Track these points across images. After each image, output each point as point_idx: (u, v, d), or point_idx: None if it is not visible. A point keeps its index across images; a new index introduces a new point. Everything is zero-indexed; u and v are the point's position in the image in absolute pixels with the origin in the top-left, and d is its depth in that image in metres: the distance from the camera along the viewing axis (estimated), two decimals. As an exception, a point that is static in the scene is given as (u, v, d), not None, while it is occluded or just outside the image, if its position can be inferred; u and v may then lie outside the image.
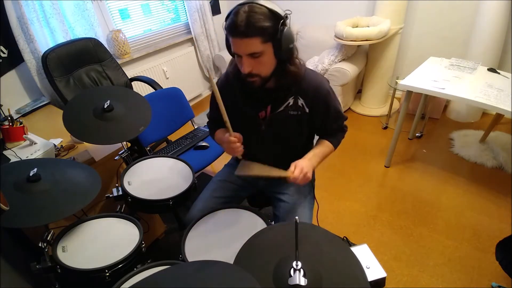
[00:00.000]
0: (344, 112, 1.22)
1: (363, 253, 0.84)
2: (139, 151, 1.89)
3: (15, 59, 1.94)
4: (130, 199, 1.20)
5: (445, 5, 2.63)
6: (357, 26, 2.79)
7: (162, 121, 1.93)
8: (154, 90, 2.23)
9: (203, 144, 1.93)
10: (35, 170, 0.96)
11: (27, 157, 1.31)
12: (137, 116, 1.32)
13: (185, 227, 1.08)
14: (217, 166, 2.27)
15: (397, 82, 2.59)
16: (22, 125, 1.44)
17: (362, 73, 3.09)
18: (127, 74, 2.34)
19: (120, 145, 1.43)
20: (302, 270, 0.65)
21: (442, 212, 1.93)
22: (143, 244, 1.05)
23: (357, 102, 3.24)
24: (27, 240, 1.25)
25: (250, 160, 1.30)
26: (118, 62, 2.30)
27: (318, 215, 1.32)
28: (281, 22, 0.90)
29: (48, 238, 1.00)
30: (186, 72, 3.30)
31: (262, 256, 0.76)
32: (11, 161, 1.29)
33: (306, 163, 1.06)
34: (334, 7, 3.13)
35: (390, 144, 2.26)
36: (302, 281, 0.64)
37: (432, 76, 2.02)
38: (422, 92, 1.94)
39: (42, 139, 1.43)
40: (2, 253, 1.15)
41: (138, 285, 0.66)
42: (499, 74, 2.01)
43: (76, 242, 1.04)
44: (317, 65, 2.79)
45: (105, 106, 1.23)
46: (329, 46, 2.90)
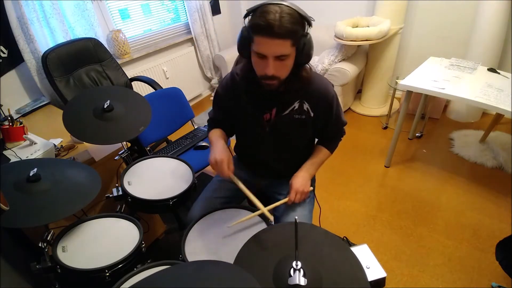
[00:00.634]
0: (344, 112, 1.23)
1: (363, 253, 0.84)
2: (139, 151, 1.89)
3: (15, 59, 1.94)
4: (130, 199, 1.20)
5: (445, 5, 2.63)
6: (357, 26, 2.79)
7: (162, 121, 1.93)
8: (154, 90, 2.23)
9: (203, 144, 1.93)
10: (35, 170, 0.96)
11: (27, 157, 1.31)
12: (137, 116, 1.32)
13: (185, 227, 1.08)
14: (217, 166, 2.27)
15: (397, 82, 2.59)
16: (22, 125, 1.44)
17: (362, 73, 3.09)
18: (127, 74, 2.34)
19: (120, 145, 1.43)
20: (302, 270, 0.65)
21: (442, 212, 1.93)
22: (143, 244, 1.05)
23: (357, 102, 3.24)
24: (27, 240, 1.25)
25: (250, 161, 1.30)
26: (118, 62, 2.30)
27: (319, 218, 1.32)
28: (307, 27, 0.90)
29: (48, 238, 1.00)
30: (186, 72, 3.30)
31: (262, 256, 0.76)
32: (11, 161, 1.29)
33: (302, 177, 1.12)
34: (334, 7, 3.13)
35: (390, 144, 2.26)
36: (302, 281, 0.64)
37: (432, 76, 2.02)
38: (422, 92, 1.94)
39: (42, 139, 1.43)
40: (2, 253, 1.15)
41: (138, 285, 0.65)
42: (499, 74, 2.01)
43: (76, 242, 1.04)
44: (317, 65, 2.79)
45: (105, 106, 1.23)
46: (329, 46, 2.90)
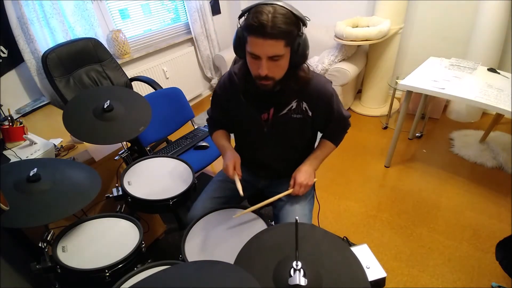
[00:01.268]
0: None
1: (363, 253, 0.84)
2: (139, 151, 1.89)
3: (15, 59, 1.94)
4: (130, 199, 1.20)
5: (445, 5, 2.63)
6: (357, 26, 2.79)
7: (162, 121, 1.93)
8: (154, 90, 2.23)
9: (203, 144, 1.93)
10: (35, 170, 0.96)
11: (27, 157, 1.31)
12: (137, 116, 1.32)
13: (185, 227, 1.08)
14: (217, 166, 2.27)
15: (397, 82, 2.59)
16: (22, 125, 1.44)
17: (362, 73, 3.09)
18: (127, 74, 2.34)
19: (120, 145, 1.43)
20: (302, 270, 0.65)
21: (442, 212, 1.93)
22: (143, 244, 1.05)
23: (357, 102, 3.24)
24: (27, 240, 1.25)
25: (250, 161, 1.30)
26: (118, 62, 2.29)
27: (318, 216, 1.32)
28: (302, 27, 0.89)
29: (48, 238, 1.00)
30: (186, 72, 3.30)
31: (262, 256, 0.76)
32: (11, 161, 1.29)
33: (305, 172, 1.11)
34: (334, 7, 3.13)
35: (390, 144, 2.26)
36: (302, 281, 0.64)
37: (432, 76, 2.02)
38: (422, 92, 1.94)
39: (42, 139, 1.43)
40: (2, 253, 1.15)
41: (138, 285, 0.65)
42: (499, 74, 2.01)
43: (76, 242, 1.04)
44: (317, 65, 2.79)
45: (105, 106, 1.23)
46: (329, 46, 2.90)
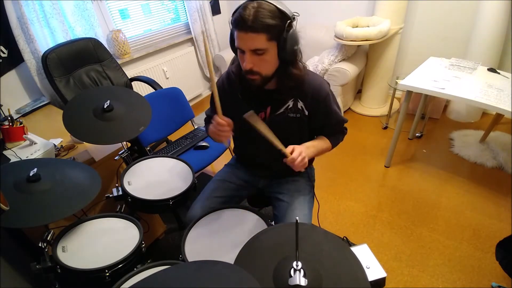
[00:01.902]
0: (344, 112, 1.23)
1: (363, 253, 0.84)
2: (139, 151, 1.89)
3: (15, 59, 1.94)
4: (130, 199, 1.20)
5: (445, 5, 2.63)
6: (357, 26, 2.79)
7: (162, 121, 1.93)
8: (154, 90, 2.23)
9: (203, 144, 1.93)
10: (35, 170, 0.96)
11: (27, 157, 1.31)
12: (137, 116, 1.32)
13: (185, 227, 1.08)
14: (217, 166, 2.27)
15: (397, 82, 2.59)
16: (22, 125, 1.44)
17: (362, 73, 3.09)
18: (127, 74, 2.34)
19: (120, 145, 1.43)
20: (302, 270, 0.65)
21: (442, 212, 1.93)
22: (143, 244, 1.05)
23: (357, 102, 3.24)
24: (27, 240, 1.25)
25: (249, 161, 1.30)
26: (118, 62, 2.30)
27: (318, 215, 1.32)
28: (288, 22, 0.89)
29: (48, 238, 1.00)
30: (186, 72, 3.30)
31: (262, 256, 0.76)
32: (11, 161, 1.29)
33: (304, 149, 1.02)
34: (334, 7, 3.13)
35: (390, 144, 2.26)
36: (303, 281, 0.64)
37: (432, 76, 2.02)
38: (422, 92, 1.94)
39: (42, 139, 1.43)
40: (2, 253, 1.15)
41: (138, 285, 0.65)
42: (499, 74, 2.01)
43: (76, 242, 1.04)
44: (317, 65, 2.79)
45: (105, 106, 1.23)
46: (329, 46, 2.90)
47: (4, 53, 1.88)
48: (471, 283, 1.51)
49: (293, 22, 0.91)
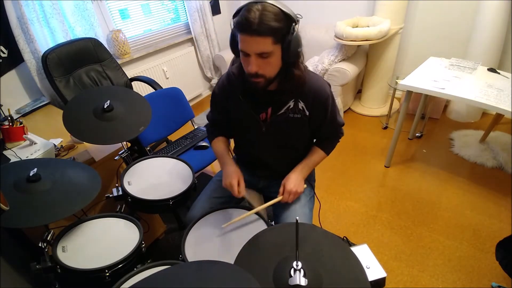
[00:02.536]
0: (344, 112, 1.23)
1: (363, 253, 0.84)
2: (139, 151, 1.89)
3: (15, 59, 1.94)
4: (130, 199, 1.20)
5: (445, 5, 2.63)
6: (357, 26, 2.79)
7: (162, 121, 1.93)
8: (154, 90, 2.23)
9: (203, 144, 1.93)
10: (35, 170, 0.96)
11: (27, 157, 1.31)
12: (137, 116, 1.32)
13: (185, 227, 1.08)
14: (217, 166, 2.27)
15: (397, 82, 2.59)
16: (22, 125, 1.44)
17: (362, 73, 3.09)
18: (127, 74, 2.34)
19: (120, 145, 1.43)
20: (302, 270, 0.65)
21: (442, 212, 1.93)
22: (143, 244, 1.05)
23: (357, 102, 3.24)
24: (27, 240, 1.25)
25: (249, 161, 1.30)
26: (118, 62, 2.30)
27: (319, 214, 1.32)
28: (293, 25, 0.89)
29: (48, 238, 1.00)
30: (186, 72, 3.30)
31: (262, 256, 0.76)
32: (11, 161, 1.29)
33: (295, 179, 1.13)
34: (334, 7, 3.13)
35: (390, 144, 2.26)
36: (303, 281, 0.64)
37: (432, 76, 2.02)
38: (422, 92, 1.94)
39: (42, 139, 1.43)
40: (2, 253, 1.15)
41: (138, 285, 0.66)
42: (499, 74, 2.01)
43: (76, 242, 1.04)
44: (317, 65, 2.79)
45: (105, 106, 1.23)
46: (329, 46, 2.90)
47: (4, 53, 1.88)
48: (471, 283, 1.51)
49: (297, 25, 0.91)
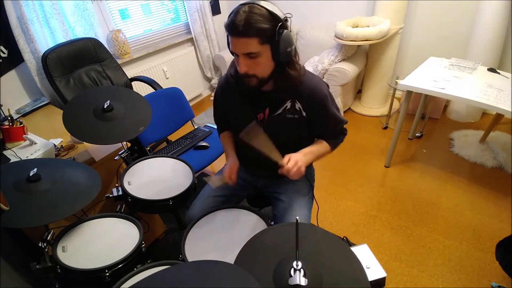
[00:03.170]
0: (344, 112, 1.23)
1: (363, 253, 0.84)
2: (139, 151, 1.89)
3: (15, 59, 1.94)
4: (130, 199, 1.20)
5: (445, 5, 2.63)
6: (357, 26, 2.79)
7: (162, 121, 1.93)
8: (154, 90, 2.23)
9: (203, 144, 1.93)
10: (35, 170, 0.96)
11: (27, 157, 1.31)
12: (137, 116, 1.32)
13: (185, 227, 1.08)
14: (217, 166, 2.27)
15: (397, 82, 2.59)
16: (22, 125, 1.44)
17: (362, 73, 3.09)
18: (127, 74, 2.34)
19: (120, 145, 1.43)
20: (302, 270, 0.65)
21: (442, 212, 1.93)
22: (143, 244, 1.05)
23: (357, 102, 3.24)
24: (27, 240, 1.25)
25: (249, 160, 1.30)
26: (118, 62, 2.30)
27: (318, 215, 1.32)
28: (279, 25, 0.89)
29: (48, 238, 1.00)
30: (186, 72, 3.30)
31: (262, 256, 0.76)
32: (11, 161, 1.29)
33: (300, 157, 1.04)
34: (334, 7, 3.13)
35: (390, 144, 2.26)
36: (303, 281, 0.64)
37: (432, 76, 2.02)
38: (422, 92, 1.94)
39: (42, 139, 1.43)
40: (2, 253, 1.15)
41: (138, 285, 0.66)
42: (499, 74, 2.01)
43: (76, 242, 1.04)
44: (317, 65, 2.79)
45: (105, 106, 1.23)
46: (329, 46, 2.90)
47: (4, 53, 1.88)
48: (471, 283, 1.51)
49: (285, 24, 0.92)
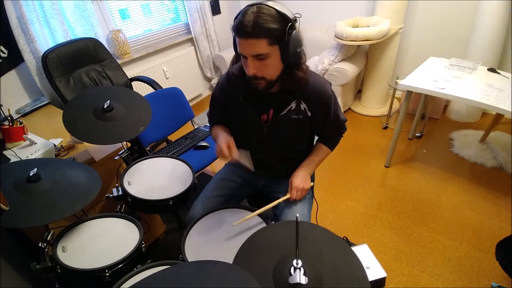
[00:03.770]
0: (344, 112, 1.23)
1: (363, 253, 0.84)
2: (139, 151, 1.89)
3: (15, 59, 1.94)
4: (130, 199, 1.20)
5: (445, 5, 2.63)
6: (357, 26, 2.79)
7: (162, 121, 1.93)
8: (154, 90, 2.23)
9: (203, 144, 1.93)
10: (35, 170, 0.96)
11: (27, 157, 1.31)
12: (137, 116, 1.32)
13: (185, 227, 1.08)
14: (217, 166, 2.27)
15: (397, 82, 2.59)
16: (22, 125, 1.44)
17: (362, 73, 3.09)
18: (127, 74, 2.34)
19: (120, 145, 1.43)
20: (302, 269, 0.65)
21: (442, 212, 1.93)
22: (143, 244, 1.05)
23: (357, 102, 3.24)
24: (27, 240, 1.25)
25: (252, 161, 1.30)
26: (118, 62, 2.30)
27: (317, 215, 1.32)
28: (289, 25, 0.88)
29: (48, 238, 1.00)
30: (186, 72, 3.30)
31: (262, 255, 0.76)
32: (11, 161, 1.28)
33: (301, 176, 1.13)
34: (334, 7, 3.13)
35: (390, 144, 2.26)
36: (303, 279, 0.64)
37: (432, 76, 2.02)
38: (422, 92, 1.94)
39: (42, 139, 1.43)
40: (2, 253, 1.15)
41: (138, 285, 0.65)
42: (499, 74, 2.01)
43: (76, 242, 1.04)
44: (317, 65, 2.79)
45: (105, 106, 1.23)
46: (329, 46, 2.90)
47: (4, 53, 1.88)
48: (471, 283, 1.51)
49: (295, 24, 0.90)
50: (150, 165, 1.41)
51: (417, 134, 2.66)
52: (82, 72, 2.07)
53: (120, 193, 1.22)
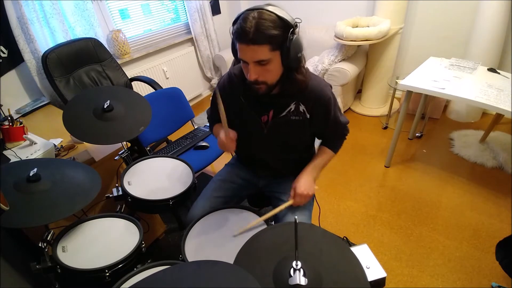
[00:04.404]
0: (344, 112, 1.23)
1: (363, 253, 0.84)
2: (139, 151, 1.89)
3: (15, 59, 1.94)
4: (130, 199, 1.20)
5: (445, 5, 2.63)
6: (357, 26, 2.79)
7: (162, 121, 1.93)
8: (154, 90, 2.23)
9: (203, 144, 1.93)
10: (35, 170, 0.96)
11: (27, 157, 1.31)
12: (137, 116, 1.32)
13: (185, 227, 1.08)
14: (217, 166, 2.27)
15: (397, 82, 2.59)
16: (22, 125, 1.44)
17: (362, 73, 3.09)
18: (127, 74, 2.34)
19: (120, 145, 1.43)
20: (302, 270, 0.65)
21: (442, 212, 1.93)
22: (143, 244, 1.05)
23: (357, 102, 3.24)
24: (27, 240, 1.25)
25: (250, 160, 1.30)
26: (118, 62, 2.30)
27: (319, 218, 1.32)
28: (290, 30, 0.88)
29: (48, 238, 1.00)
30: (186, 72, 3.30)
31: (262, 256, 0.76)
32: (11, 161, 1.29)
33: (305, 181, 1.12)
34: (334, 7, 3.13)
35: (390, 144, 2.26)
36: (303, 280, 0.64)
37: (432, 76, 2.02)
38: (422, 92, 1.94)
39: (42, 139, 1.43)
40: (2, 253, 1.15)
41: (138, 285, 0.65)
42: (499, 74, 2.01)
43: (76, 242, 1.04)
44: (317, 65, 2.79)
45: (105, 106, 1.23)
46: (329, 46, 2.90)
47: (4, 53, 1.88)
48: (471, 283, 1.51)
49: (295, 29, 0.89)
50: (150, 165, 1.41)
51: (417, 134, 2.66)
52: (82, 72, 2.07)
53: (120, 193, 1.22)
